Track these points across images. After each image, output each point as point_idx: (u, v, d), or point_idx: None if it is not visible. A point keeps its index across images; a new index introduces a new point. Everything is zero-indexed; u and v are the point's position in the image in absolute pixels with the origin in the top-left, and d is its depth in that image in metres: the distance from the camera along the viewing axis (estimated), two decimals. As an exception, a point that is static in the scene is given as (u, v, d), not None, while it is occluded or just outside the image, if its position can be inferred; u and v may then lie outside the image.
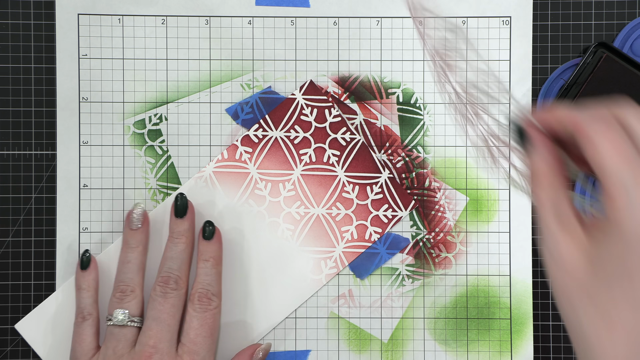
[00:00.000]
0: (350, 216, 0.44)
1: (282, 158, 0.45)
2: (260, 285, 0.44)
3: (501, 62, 0.45)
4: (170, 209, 0.43)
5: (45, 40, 0.45)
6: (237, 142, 0.44)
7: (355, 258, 0.44)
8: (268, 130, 0.45)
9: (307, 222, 0.44)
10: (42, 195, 0.45)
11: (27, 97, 0.45)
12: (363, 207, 0.44)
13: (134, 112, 0.45)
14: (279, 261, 0.44)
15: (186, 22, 0.45)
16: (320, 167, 0.45)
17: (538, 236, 0.45)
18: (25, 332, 0.44)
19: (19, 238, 0.45)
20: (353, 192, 0.45)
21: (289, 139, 0.45)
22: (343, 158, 0.45)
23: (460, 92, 0.44)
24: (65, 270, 0.44)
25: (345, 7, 0.45)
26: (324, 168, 0.45)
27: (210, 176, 0.44)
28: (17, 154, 0.45)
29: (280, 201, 0.44)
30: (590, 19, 0.45)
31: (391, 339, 0.45)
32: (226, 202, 0.44)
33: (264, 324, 0.44)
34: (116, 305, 0.40)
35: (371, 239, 0.44)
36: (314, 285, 0.44)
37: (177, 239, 0.42)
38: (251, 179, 0.44)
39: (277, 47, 0.45)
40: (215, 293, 0.41)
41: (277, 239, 0.44)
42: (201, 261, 0.42)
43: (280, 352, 0.44)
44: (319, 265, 0.44)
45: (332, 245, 0.44)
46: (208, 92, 0.45)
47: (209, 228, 0.42)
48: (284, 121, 0.45)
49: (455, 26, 0.44)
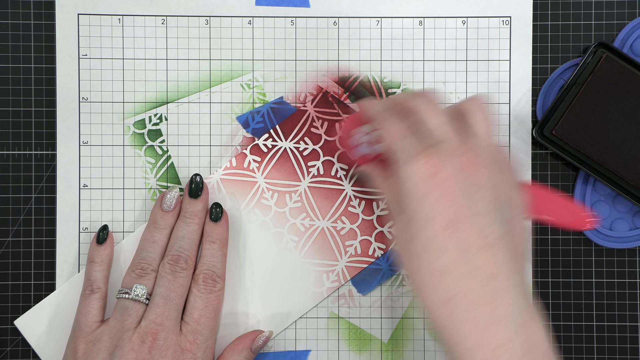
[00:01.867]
0: (355, 231, 0.44)
1: (290, 169, 0.45)
2: (261, 295, 0.44)
3: (501, 62, 0.45)
4: (185, 189, 0.43)
5: (45, 40, 0.45)
6: (246, 151, 0.44)
7: (357, 273, 0.44)
8: (278, 140, 0.45)
9: (312, 235, 0.44)
10: (42, 195, 0.45)
11: (27, 97, 0.45)
12: (368, 223, 0.44)
13: (134, 112, 0.45)
14: (281, 272, 0.44)
15: (186, 22, 0.45)
16: (328, 180, 0.45)
17: (537, 236, 0.45)
18: (25, 329, 0.44)
19: (19, 238, 0.45)
20: (359, 207, 0.44)
21: (298, 150, 0.45)
22: (351, 173, 0.45)
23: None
24: (65, 270, 0.44)
25: (345, 7, 0.45)
26: (331, 181, 0.45)
27: (218, 183, 0.44)
28: (17, 154, 0.45)
29: (286, 212, 0.44)
30: (590, 19, 0.45)
31: (391, 339, 0.45)
32: (232, 210, 0.44)
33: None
34: (135, 281, 0.40)
35: (375, 254, 0.44)
36: (315, 298, 0.44)
37: (189, 219, 0.42)
38: (258, 188, 0.44)
39: (277, 47, 0.45)
40: (220, 275, 0.42)
41: (281, 250, 0.44)
42: (207, 242, 0.42)
43: (280, 352, 0.44)
44: (321, 278, 0.44)
45: (335, 258, 0.44)
46: (208, 92, 0.45)
47: (216, 210, 0.42)
48: (294, 132, 0.45)
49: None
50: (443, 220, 0.32)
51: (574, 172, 0.45)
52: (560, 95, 0.43)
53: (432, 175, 0.33)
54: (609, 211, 0.45)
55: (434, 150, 0.33)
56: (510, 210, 0.34)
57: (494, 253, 0.32)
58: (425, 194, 0.33)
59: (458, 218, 0.32)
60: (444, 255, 0.32)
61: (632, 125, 0.43)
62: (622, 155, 0.43)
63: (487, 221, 0.32)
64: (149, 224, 0.42)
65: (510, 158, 0.36)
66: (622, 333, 0.45)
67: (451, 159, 0.33)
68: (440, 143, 0.34)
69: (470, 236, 0.32)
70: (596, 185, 0.45)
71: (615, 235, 0.44)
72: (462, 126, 0.35)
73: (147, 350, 0.39)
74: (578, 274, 0.45)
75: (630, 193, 0.43)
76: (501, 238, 0.32)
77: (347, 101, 0.45)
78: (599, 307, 0.45)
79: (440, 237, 0.32)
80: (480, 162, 0.34)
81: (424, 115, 0.35)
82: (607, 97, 0.43)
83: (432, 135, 0.34)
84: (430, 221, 0.32)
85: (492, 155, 0.35)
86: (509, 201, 0.34)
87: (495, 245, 0.32)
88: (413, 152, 0.33)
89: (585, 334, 0.45)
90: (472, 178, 0.33)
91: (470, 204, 0.32)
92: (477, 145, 0.34)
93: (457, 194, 0.32)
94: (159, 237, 0.42)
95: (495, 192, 0.33)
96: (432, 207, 0.32)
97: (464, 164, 0.33)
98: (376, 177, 0.39)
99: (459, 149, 0.34)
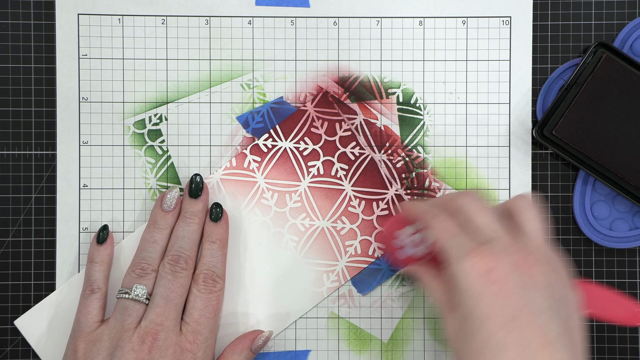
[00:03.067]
0: (355, 231, 0.44)
1: (290, 169, 0.45)
2: (261, 295, 0.44)
3: (501, 62, 0.45)
4: (185, 189, 0.43)
5: (45, 40, 0.45)
6: (246, 151, 0.44)
7: (357, 273, 0.44)
8: (278, 140, 0.45)
9: (312, 235, 0.44)
10: (42, 195, 0.45)
11: (27, 97, 0.45)
12: (368, 223, 0.44)
13: (134, 112, 0.45)
14: (281, 272, 0.44)
15: (186, 22, 0.45)
16: (328, 180, 0.45)
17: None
18: (25, 329, 0.44)
19: (19, 238, 0.45)
20: (359, 207, 0.44)
21: (298, 150, 0.45)
22: (351, 172, 0.45)
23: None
24: (65, 270, 0.44)
25: (345, 7, 0.45)
26: (331, 181, 0.45)
27: (218, 183, 0.44)
28: (17, 154, 0.45)
29: (286, 212, 0.44)
30: (590, 19, 0.45)
31: (391, 339, 0.45)
32: (232, 210, 0.44)
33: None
34: (135, 281, 0.40)
35: (375, 254, 0.44)
36: (315, 298, 0.44)
37: (189, 219, 0.42)
38: (258, 188, 0.44)
39: (277, 47, 0.45)
40: (220, 275, 0.42)
41: (281, 250, 0.44)
42: (207, 242, 0.42)
43: (280, 352, 0.44)
44: (321, 278, 0.44)
45: (335, 258, 0.44)
46: (208, 92, 0.45)
47: (216, 210, 0.42)
48: (294, 132, 0.45)
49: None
50: (501, 318, 0.32)
51: (574, 172, 0.45)
52: (560, 95, 0.43)
53: (488, 273, 0.33)
54: (609, 211, 0.45)
55: (487, 248, 0.33)
56: (567, 309, 0.34)
57: (555, 351, 0.32)
58: (482, 291, 0.33)
59: (516, 315, 0.32)
60: (504, 352, 0.32)
61: (632, 125, 0.43)
62: (622, 155, 0.43)
63: (545, 319, 0.32)
64: (149, 224, 0.42)
65: (560, 257, 0.36)
66: (622, 333, 0.45)
67: (505, 256, 0.33)
68: (492, 241, 0.34)
69: (530, 334, 0.32)
70: (596, 185, 0.45)
71: (615, 235, 0.44)
72: (511, 224, 0.35)
73: (147, 350, 0.39)
74: (578, 274, 0.45)
75: (630, 193, 0.43)
76: (560, 336, 0.32)
77: (347, 101, 0.45)
78: (599, 307, 0.45)
79: (499, 334, 0.32)
80: (534, 260, 0.34)
81: (472, 213, 0.35)
82: (607, 97, 0.43)
83: (483, 233, 0.34)
84: (488, 318, 0.32)
85: (544, 253, 0.35)
86: (565, 299, 0.34)
87: (555, 343, 0.32)
88: (465, 250, 0.34)
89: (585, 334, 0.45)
90: (526, 276, 0.33)
91: (528, 301, 0.32)
92: (529, 243, 0.35)
93: (514, 292, 0.32)
94: (159, 237, 0.42)
95: (551, 289, 0.33)
96: (490, 304, 0.32)
97: (518, 262, 0.33)
98: (425, 276, 0.39)
99: (511, 247, 0.34)
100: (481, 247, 0.34)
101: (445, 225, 0.35)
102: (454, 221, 0.35)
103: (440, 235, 0.35)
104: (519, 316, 0.32)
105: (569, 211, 0.45)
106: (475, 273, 0.33)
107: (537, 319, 0.32)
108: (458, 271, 0.33)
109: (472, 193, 0.37)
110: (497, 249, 0.33)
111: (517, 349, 0.31)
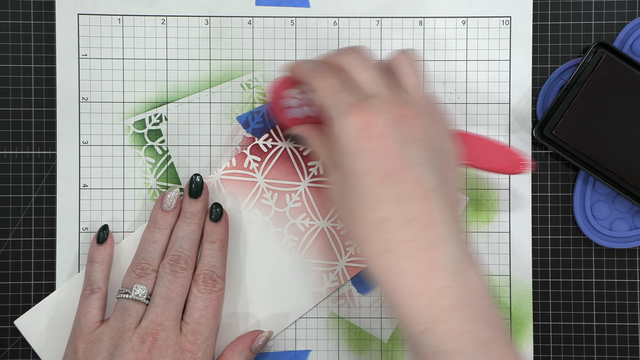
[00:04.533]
0: None
1: (290, 169, 0.45)
2: (261, 295, 0.44)
3: (501, 62, 0.45)
4: (185, 189, 0.43)
5: (45, 40, 0.45)
6: (246, 151, 0.44)
7: (357, 273, 0.44)
8: (278, 140, 0.45)
9: (312, 235, 0.44)
10: (42, 195, 0.45)
11: (27, 97, 0.45)
12: None
13: (134, 112, 0.45)
14: (282, 272, 0.44)
15: (186, 22, 0.45)
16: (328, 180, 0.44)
17: (536, 236, 0.45)
18: (25, 329, 0.44)
19: (19, 238, 0.45)
20: None
21: (298, 150, 0.45)
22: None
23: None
24: (65, 270, 0.44)
25: (345, 7, 0.45)
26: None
27: (218, 183, 0.44)
28: (17, 154, 0.45)
29: (286, 212, 0.44)
30: (590, 19, 0.45)
31: (391, 339, 0.45)
32: (232, 210, 0.44)
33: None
34: (135, 281, 0.40)
35: None
36: (315, 298, 0.44)
37: (189, 219, 0.42)
38: (258, 188, 0.44)
39: (277, 47, 0.45)
40: (220, 275, 0.42)
41: (281, 250, 0.44)
42: (207, 243, 0.42)
43: (280, 352, 0.44)
44: (321, 278, 0.44)
45: (335, 258, 0.44)
46: (208, 92, 0.45)
47: (216, 210, 0.42)
48: None
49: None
50: (379, 173, 0.33)
51: (574, 172, 0.45)
52: (560, 95, 0.43)
53: (366, 129, 0.33)
54: (609, 211, 0.45)
55: (367, 104, 0.34)
56: (444, 160, 0.35)
57: (429, 202, 0.32)
58: (361, 147, 0.33)
59: (393, 170, 0.33)
60: (380, 206, 0.33)
61: (632, 125, 0.43)
62: (622, 155, 0.43)
63: (421, 172, 0.33)
64: (149, 224, 0.42)
65: (440, 109, 0.37)
66: (622, 333, 0.45)
67: (384, 111, 0.33)
68: (371, 97, 0.34)
69: (406, 187, 0.33)
70: (596, 185, 0.45)
71: (615, 235, 0.44)
72: (392, 80, 0.36)
73: (147, 350, 0.39)
74: (578, 274, 0.45)
75: (630, 193, 0.43)
76: (436, 188, 0.33)
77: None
78: (599, 307, 0.45)
79: (376, 189, 0.33)
80: (412, 114, 0.34)
81: (353, 70, 0.36)
82: (607, 97, 0.43)
83: (363, 90, 0.35)
84: (366, 174, 0.33)
85: (423, 107, 0.35)
86: (442, 151, 0.35)
87: (430, 194, 0.33)
88: (346, 107, 0.34)
89: (585, 334, 0.45)
90: (404, 130, 0.33)
91: (405, 155, 0.33)
92: (408, 98, 0.35)
93: (392, 146, 0.33)
94: (159, 237, 0.42)
95: (429, 142, 0.34)
96: (368, 160, 0.33)
97: (396, 117, 0.34)
98: (310, 137, 0.40)
99: (390, 102, 0.34)
100: (361, 103, 0.34)
101: (327, 83, 0.35)
102: (336, 79, 0.35)
103: (322, 93, 0.35)
104: (397, 170, 0.33)
105: (569, 211, 0.45)
106: (355, 129, 0.33)
107: (414, 171, 0.33)
108: (338, 128, 0.34)
109: (356, 49, 0.37)
110: (376, 104, 0.34)
111: (394, 202, 0.32)
